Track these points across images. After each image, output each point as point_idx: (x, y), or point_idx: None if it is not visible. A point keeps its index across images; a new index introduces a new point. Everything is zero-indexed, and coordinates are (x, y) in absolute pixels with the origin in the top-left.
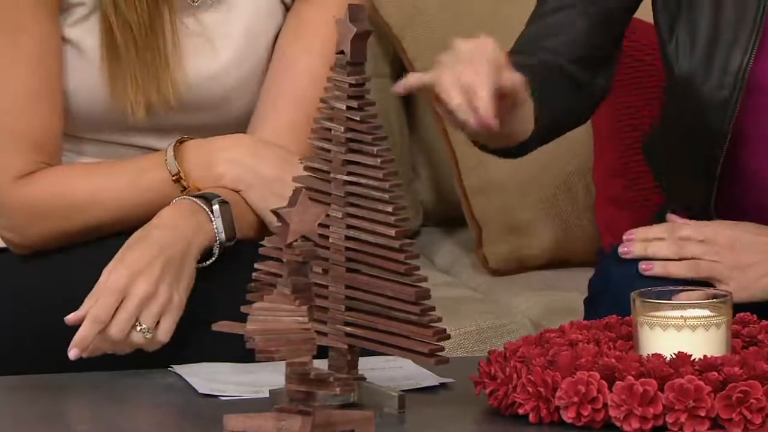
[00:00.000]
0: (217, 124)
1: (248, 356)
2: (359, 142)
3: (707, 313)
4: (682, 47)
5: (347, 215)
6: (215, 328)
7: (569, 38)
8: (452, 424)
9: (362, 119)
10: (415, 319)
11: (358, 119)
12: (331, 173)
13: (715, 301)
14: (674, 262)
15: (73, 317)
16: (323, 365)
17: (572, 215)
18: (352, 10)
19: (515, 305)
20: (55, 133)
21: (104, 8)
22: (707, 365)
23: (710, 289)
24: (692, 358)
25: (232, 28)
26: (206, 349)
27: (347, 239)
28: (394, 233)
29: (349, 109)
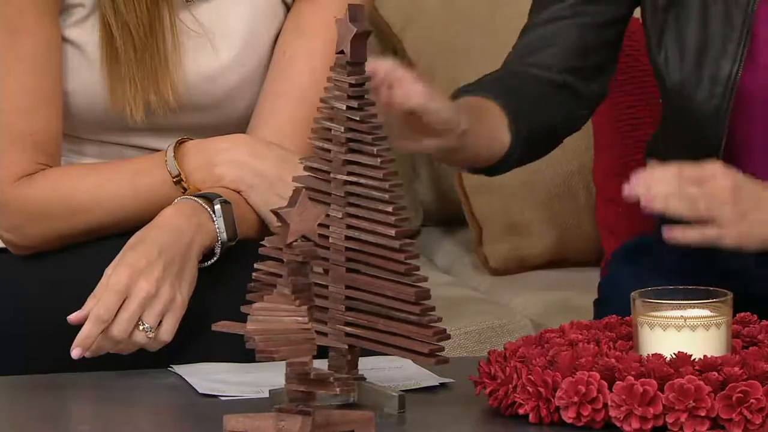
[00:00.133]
0: (217, 124)
1: (248, 356)
2: (359, 142)
3: (707, 313)
4: (671, 59)
5: (347, 215)
6: (215, 328)
7: (562, 49)
8: (452, 424)
9: (362, 119)
10: (415, 319)
11: (358, 119)
12: (331, 173)
13: (715, 301)
14: (676, 198)
15: (75, 317)
16: (323, 365)
17: (572, 215)
18: (351, 10)
19: (515, 305)
20: (55, 133)
21: (103, 9)
22: (707, 365)
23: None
24: (692, 358)
25: (232, 28)
26: (206, 349)
27: (347, 239)
28: (394, 233)
29: (349, 109)
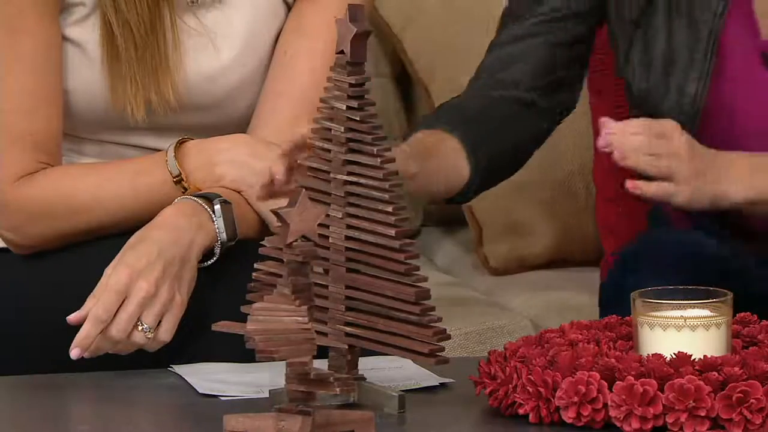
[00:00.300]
0: (217, 124)
1: (248, 356)
2: (359, 142)
3: (707, 313)
4: (638, 72)
5: (347, 215)
6: (215, 328)
7: (529, 67)
8: (452, 424)
9: (362, 119)
10: (415, 319)
11: (358, 119)
12: (331, 173)
13: (715, 301)
14: (644, 155)
15: (74, 317)
16: (323, 365)
17: (572, 215)
18: (351, 10)
19: (515, 305)
20: (55, 133)
21: (104, 8)
22: (707, 365)
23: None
24: (692, 358)
25: (233, 27)
26: (206, 349)
27: (347, 239)
28: (394, 233)
29: (349, 109)
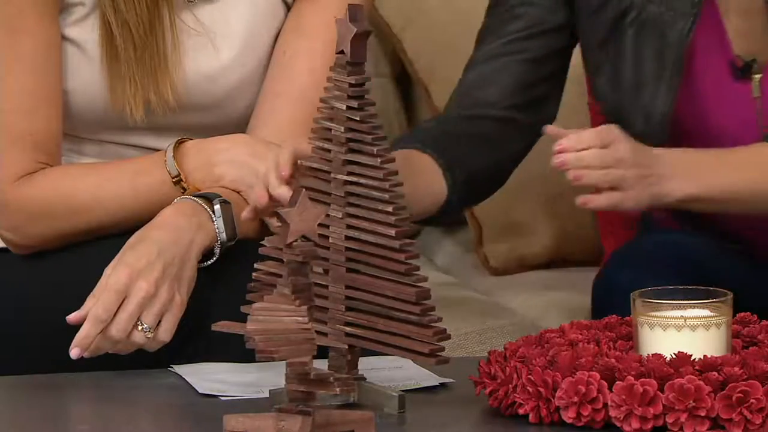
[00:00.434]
0: (216, 124)
1: (248, 356)
2: (359, 142)
3: (707, 313)
4: (608, 94)
5: (347, 215)
6: (215, 328)
7: (504, 86)
8: (452, 424)
9: (362, 119)
10: (415, 319)
11: (358, 119)
12: (331, 173)
13: (715, 301)
14: (590, 170)
15: (74, 317)
16: (323, 365)
17: (572, 215)
18: (351, 10)
19: (515, 305)
20: (55, 133)
21: (103, 8)
22: (707, 365)
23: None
24: (692, 358)
25: (232, 27)
26: (206, 349)
27: (347, 239)
28: (394, 233)
29: (349, 108)
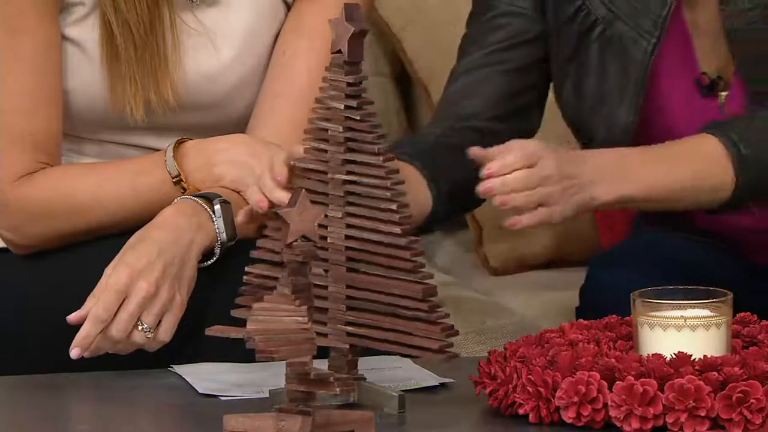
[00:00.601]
0: (216, 124)
1: (248, 356)
2: (359, 141)
3: (707, 313)
4: (570, 103)
5: (347, 215)
6: (209, 332)
7: (486, 97)
8: (452, 424)
9: (362, 118)
10: (423, 316)
11: (357, 118)
12: (328, 173)
13: (715, 301)
14: (516, 193)
15: (74, 317)
16: (323, 365)
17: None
18: (348, 9)
19: (515, 305)
20: (55, 133)
21: (103, 7)
22: (707, 365)
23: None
24: (692, 358)
25: (232, 27)
26: (206, 349)
27: (347, 239)
28: (400, 231)
29: (347, 108)
